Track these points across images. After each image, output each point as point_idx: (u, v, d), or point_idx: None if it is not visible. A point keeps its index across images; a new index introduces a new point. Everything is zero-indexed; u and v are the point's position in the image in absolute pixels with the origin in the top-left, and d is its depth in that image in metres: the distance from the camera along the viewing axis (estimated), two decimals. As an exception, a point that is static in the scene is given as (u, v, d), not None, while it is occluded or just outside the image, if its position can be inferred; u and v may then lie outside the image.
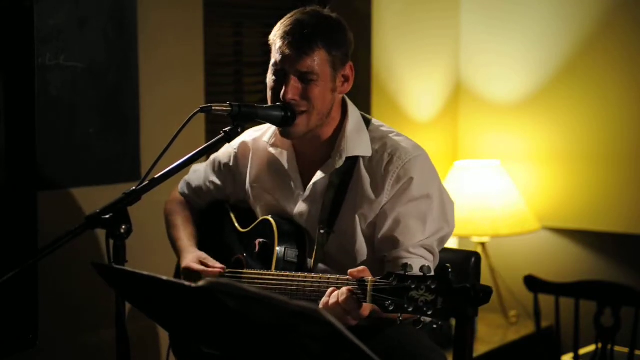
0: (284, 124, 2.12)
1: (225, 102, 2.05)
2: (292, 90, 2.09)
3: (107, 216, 1.82)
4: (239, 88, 3.62)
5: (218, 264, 2.26)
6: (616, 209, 3.93)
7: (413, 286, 1.74)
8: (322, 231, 2.15)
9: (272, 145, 2.27)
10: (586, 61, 3.97)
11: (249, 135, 2.38)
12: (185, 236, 2.41)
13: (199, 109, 2.02)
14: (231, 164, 2.39)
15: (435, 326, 1.73)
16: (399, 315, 1.78)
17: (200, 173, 2.48)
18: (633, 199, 3.89)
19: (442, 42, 4.26)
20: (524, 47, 4.14)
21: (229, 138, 2.04)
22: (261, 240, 2.21)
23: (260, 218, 2.27)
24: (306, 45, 2.07)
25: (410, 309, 1.74)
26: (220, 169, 2.42)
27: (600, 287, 3.26)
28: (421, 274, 1.74)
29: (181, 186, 2.53)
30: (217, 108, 2.04)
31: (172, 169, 1.98)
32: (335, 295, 1.90)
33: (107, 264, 1.79)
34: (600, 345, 3.23)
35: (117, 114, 2.98)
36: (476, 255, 2.37)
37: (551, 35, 4.05)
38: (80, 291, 2.88)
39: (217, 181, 2.43)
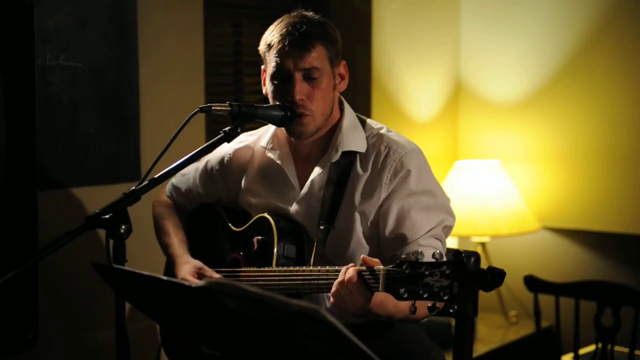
0: (284, 124, 2.13)
1: (225, 102, 2.05)
2: (300, 90, 2.09)
3: (107, 216, 1.82)
4: (239, 88, 3.62)
5: (215, 274, 2.26)
6: (616, 209, 3.93)
7: (427, 272, 1.74)
8: (322, 227, 2.15)
9: (270, 150, 2.27)
10: (586, 61, 3.97)
11: (244, 139, 2.38)
12: (177, 242, 2.40)
13: (198, 108, 2.02)
14: (224, 169, 2.38)
15: (451, 310, 1.72)
16: (413, 302, 1.78)
17: (189, 177, 2.46)
18: (633, 199, 3.89)
19: (442, 42, 4.26)
20: (524, 47, 4.14)
21: (229, 138, 2.04)
22: (259, 237, 2.20)
23: (256, 216, 2.27)
24: (306, 43, 2.09)
25: (425, 295, 1.73)
26: (212, 173, 2.41)
27: (600, 287, 3.25)
28: (434, 260, 1.74)
29: (169, 189, 2.51)
30: (216, 108, 2.04)
31: (172, 168, 1.98)
32: (342, 273, 1.90)
33: (107, 263, 1.79)
34: (600, 345, 3.23)
35: (117, 114, 2.98)
36: (476, 255, 2.37)
37: (551, 35, 4.05)
38: (80, 291, 2.88)
39: (208, 186, 2.42)
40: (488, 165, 4.04)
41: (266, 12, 3.62)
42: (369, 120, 2.26)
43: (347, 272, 1.89)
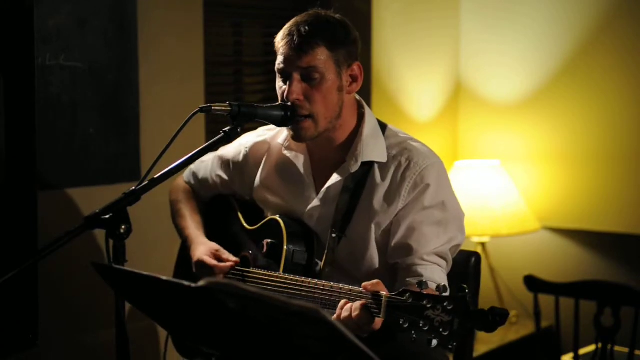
0: (284, 124, 2.12)
1: (225, 102, 2.05)
2: (295, 89, 2.08)
3: (107, 216, 1.82)
4: (239, 88, 3.62)
5: (232, 257, 2.25)
6: (616, 209, 3.93)
7: (429, 306, 1.73)
8: (333, 235, 2.14)
9: (287, 148, 2.26)
10: (586, 61, 3.97)
11: (263, 134, 2.37)
12: (193, 225, 2.41)
13: (198, 108, 2.02)
14: (241, 162, 2.37)
15: (450, 346, 1.72)
16: (413, 332, 1.77)
17: (207, 164, 2.45)
18: (633, 199, 3.89)
19: (442, 42, 4.26)
20: (524, 47, 4.14)
21: (229, 138, 2.03)
22: (269, 240, 2.19)
23: (269, 217, 2.26)
24: (305, 44, 2.07)
25: (425, 329, 1.73)
26: (228, 166, 2.40)
27: (600, 287, 3.25)
28: (437, 292, 1.73)
29: (187, 175, 2.51)
30: (216, 108, 2.03)
31: (172, 168, 1.97)
32: (348, 309, 1.88)
33: (107, 264, 1.79)
34: (600, 345, 3.22)
35: (117, 114, 2.98)
36: (476, 255, 2.37)
37: (551, 35, 4.05)
38: (80, 291, 2.88)
39: (224, 176, 2.42)
40: (488, 165, 4.04)
41: (266, 12, 3.62)
42: (389, 126, 2.24)
43: (354, 308, 1.87)
